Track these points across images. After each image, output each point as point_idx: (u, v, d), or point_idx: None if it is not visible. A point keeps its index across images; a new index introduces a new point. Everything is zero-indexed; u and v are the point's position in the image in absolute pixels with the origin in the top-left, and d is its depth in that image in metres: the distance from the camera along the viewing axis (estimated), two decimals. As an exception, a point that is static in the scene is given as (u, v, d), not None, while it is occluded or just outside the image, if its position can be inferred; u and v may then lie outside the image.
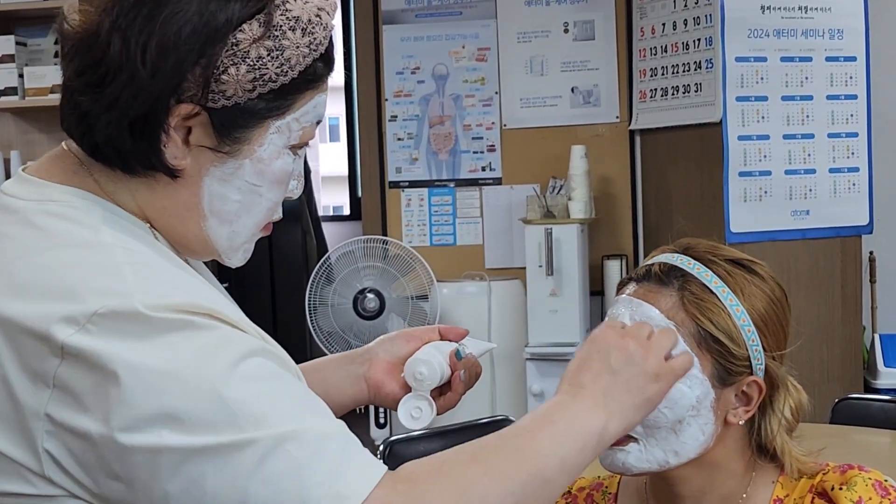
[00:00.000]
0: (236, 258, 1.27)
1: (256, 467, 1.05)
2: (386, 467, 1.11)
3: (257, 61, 1.15)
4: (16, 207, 1.17)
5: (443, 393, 1.49)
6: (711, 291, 1.39)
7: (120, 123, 1.14)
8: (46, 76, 4.19)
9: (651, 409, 1.31)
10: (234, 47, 1.14)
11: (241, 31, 1.14)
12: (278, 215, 1.28)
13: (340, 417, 1.16)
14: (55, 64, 4.24)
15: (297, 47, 1.17)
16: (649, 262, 1.45)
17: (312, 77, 1.21)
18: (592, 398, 1.25)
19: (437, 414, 1.48)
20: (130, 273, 1.10)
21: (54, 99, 4.14)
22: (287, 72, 1.17)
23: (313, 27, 1.18)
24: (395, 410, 1.48)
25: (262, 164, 1.20)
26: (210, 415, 1.05)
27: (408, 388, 1.48)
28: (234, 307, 1.21)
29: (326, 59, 1.22)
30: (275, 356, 1.14)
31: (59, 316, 1.06)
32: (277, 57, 1.16)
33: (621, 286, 1.45)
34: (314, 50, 1.19)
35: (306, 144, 1.26)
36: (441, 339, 1.53)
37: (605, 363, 1.27)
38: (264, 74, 1.16)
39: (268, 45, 1.15)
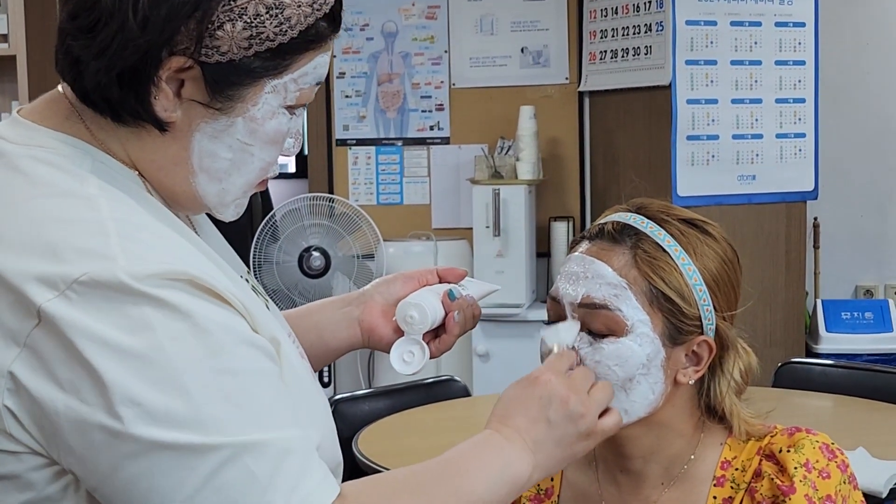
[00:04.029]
0: (228, 213, 1.24)
1: (211, 475, 1.03)
2: (339, 487, 1.10)
3: (255, 18, 1.11)
4: (2, 150, 1.14)
5: (438, 336, 1.48)
6: (664, 250, 1.38)
7: (109, 72, 1.11)
8: (-13, 24, 4.09)
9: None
10: (232, 2, 1.10)
11: None
12: (275, 172, 1.24)
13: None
14: (-4, 12, 4.15)
15: (299, 6, 1.13)
16: (602, 220, 1.44)
17: (314, 37, 1.16)
18: (524, 444, 1.25)
19: (433, 357, 1.46)
20: (115, 231, 1.06)
21: (-5, 48, 4.06)
22: (286, 31, 1.13)
23: None
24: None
25: (254, 123, 1.17)
26: (176, 409, 1.02)
27: (401, 332, 1.46)
28: (223, 270, 1.17)
29: (332, 19, 1.18)
30: (256, 342, 1.11)
31: (39, 275, 1.03)
32: (277, 15, 1.12)
33: (574, 244, 1.44)
34: (317, 9, 1.15)
35: (304, 105, 1.22)
36: (440, 281, 1.51)
37: (543, 412, 1.27)
38: (261, 33, 1.12)
39: (267, 3, 1.11)
